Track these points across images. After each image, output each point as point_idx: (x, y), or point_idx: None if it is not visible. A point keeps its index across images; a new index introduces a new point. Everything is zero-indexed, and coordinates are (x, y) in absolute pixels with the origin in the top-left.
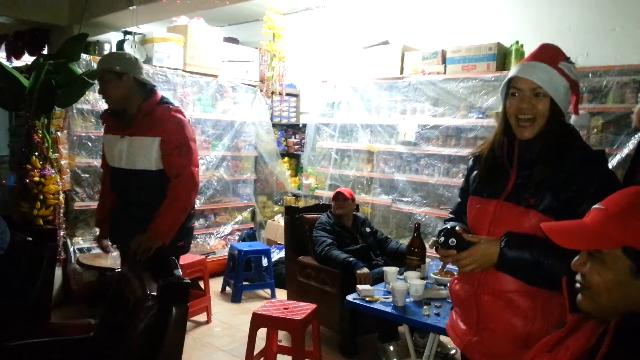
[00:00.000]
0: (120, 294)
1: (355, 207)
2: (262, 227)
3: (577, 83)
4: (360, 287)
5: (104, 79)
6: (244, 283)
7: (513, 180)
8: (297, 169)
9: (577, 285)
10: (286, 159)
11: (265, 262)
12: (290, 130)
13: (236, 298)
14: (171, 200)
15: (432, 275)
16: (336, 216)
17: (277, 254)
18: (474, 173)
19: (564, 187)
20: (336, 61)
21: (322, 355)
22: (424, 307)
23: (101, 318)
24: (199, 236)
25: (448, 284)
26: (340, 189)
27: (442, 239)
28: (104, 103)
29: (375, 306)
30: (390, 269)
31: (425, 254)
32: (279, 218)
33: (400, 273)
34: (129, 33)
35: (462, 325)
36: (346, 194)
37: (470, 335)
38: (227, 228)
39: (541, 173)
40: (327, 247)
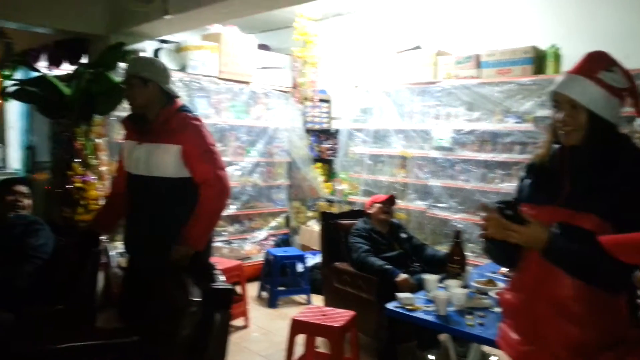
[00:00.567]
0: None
1: None
2: (296, 233)
3: (628, 87)
4: (400, 295)
5: (130, 83)
6: (280, 288)
7: (567, 186)
8: (330, 175)
9: None
10: (319, 165)
11: (300, 268)
12: (322, 135)
13: (272, 303)
14: (202, 206)
15: (474, 284)
16: (373, 222)
17: (312, 260)
18: (527, 181)
19: (618, 191)
20: (368, 66)
21: None
22: (467, 317)
23: (145, 323)
24: (234, 241)
25: (491, 293)
26: (386, 195)
27: (501, 206)
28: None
29: (416, 315)
30: (430, 277)
31: (465, 262)
32: (313, 223)
33: (439, 281)
34: (165, 41)
35: (515, 335)
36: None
37: (524, 344)
38: (262, 233)
39: (594, 178)
40: (364, 254)
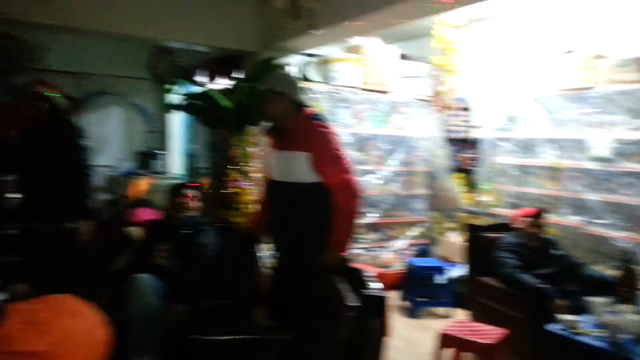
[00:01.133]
0: (321, 301)
1: None
2: (435, 243)
3: None
4: (564, 317)
5: (265, 98)
6: (420, 299)
7: None
8: (471, 185)
9: None
10: (458, 175)
11: (439, 280)
12: (462, 145)
13: (413, 314)
14: (336, 211)
15: None
16: (524, 236)
17: (451, 272)
18: None
19: None
20: (514, 72)
21: None
22: None
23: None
24: (374, 249)
25: None
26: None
27: None
28: None
29: (583, 339)
30: (599, 301)
31: (637, 285)
32: (452, 235)
33: (608, 305)
34: (311, 55)
35: None
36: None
37: None
38: (401, 242)
39: None
40: (515, 270)
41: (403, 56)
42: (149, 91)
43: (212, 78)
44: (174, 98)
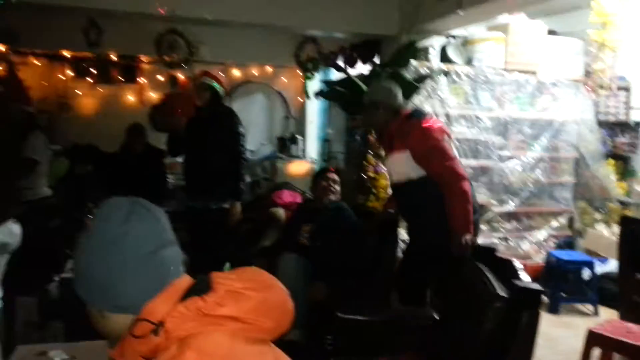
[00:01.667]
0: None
1: None
2: (581, 236)
3: None
4: None
5: (364, 107)
6: (561, 294)
7: None
8: (625, 173)
9: None
10: (611, 161)
11: (586, 275)
12: (617, 128)
13: (553, 309)
14: (449, 200)
15: None
16: None
17: (601, 267)
18: None
19: None
20: None
21: None
22: None
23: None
24: (511, 239)
25: None
26: None
27: None
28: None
29: None
30: None
31: None
32: (602, 227)
33: None
34: (452, 37)
35: None
36: None
37: None
38: (542, 233)
39: None
40: None
41: (550, 32)
42: (291, 78)
43: (352, 64)
44: (316, 85)
